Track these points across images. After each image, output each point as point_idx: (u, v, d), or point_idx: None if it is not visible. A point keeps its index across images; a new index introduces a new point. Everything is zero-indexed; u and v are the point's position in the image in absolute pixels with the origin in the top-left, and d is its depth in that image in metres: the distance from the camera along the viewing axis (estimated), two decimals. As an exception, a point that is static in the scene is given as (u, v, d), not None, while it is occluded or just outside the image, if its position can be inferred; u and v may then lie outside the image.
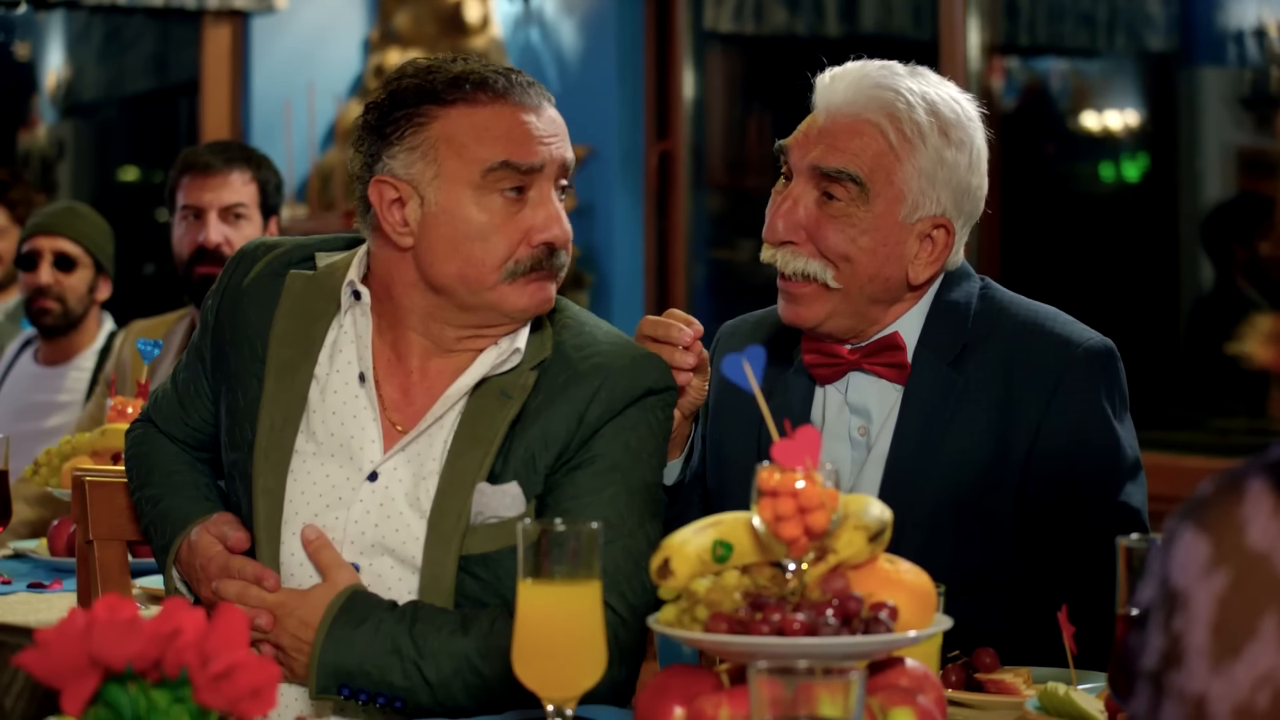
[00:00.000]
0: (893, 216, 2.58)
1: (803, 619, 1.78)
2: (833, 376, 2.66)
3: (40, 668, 1.56)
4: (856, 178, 2.57)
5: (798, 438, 1.82)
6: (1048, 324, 2.62)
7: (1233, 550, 1.17)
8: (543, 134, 2.41)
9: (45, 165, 10.39)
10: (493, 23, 7.06)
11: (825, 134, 2.60)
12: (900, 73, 2.63)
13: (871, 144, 2.58)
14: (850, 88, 2.61)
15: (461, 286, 2.40)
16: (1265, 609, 1.15)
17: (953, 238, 2.62)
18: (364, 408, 2.44)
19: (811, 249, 2.60)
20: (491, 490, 2.38)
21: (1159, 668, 1.19)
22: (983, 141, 2.65)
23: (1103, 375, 2.59)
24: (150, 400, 2.68)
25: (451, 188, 2.38)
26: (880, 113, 2.58)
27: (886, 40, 6.47)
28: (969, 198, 2.63)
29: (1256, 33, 5.59)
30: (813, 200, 2.60)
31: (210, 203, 4.35)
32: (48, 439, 4.39)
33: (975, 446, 2.57)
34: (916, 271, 2.61)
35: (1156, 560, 1.22)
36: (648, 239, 6.67)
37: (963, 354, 2.61)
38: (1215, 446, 5.39)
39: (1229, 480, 1.21)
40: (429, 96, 2.40)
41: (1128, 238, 5.96)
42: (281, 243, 2.57)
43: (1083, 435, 2.56)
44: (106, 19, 10.42)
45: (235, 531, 2.46)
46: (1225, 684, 1.15)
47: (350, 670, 2.33)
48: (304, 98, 7.16)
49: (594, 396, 2.40)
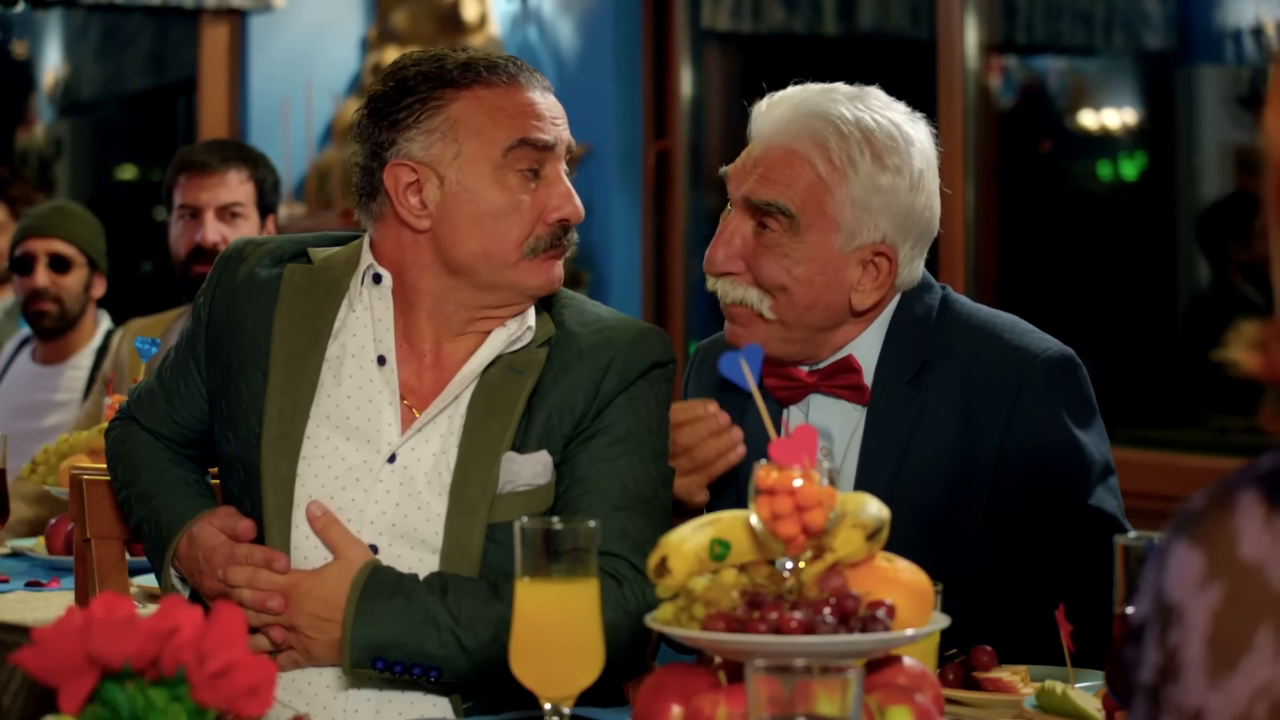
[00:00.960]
0: (828, 246, 2.58)
1: (800, 617, 1.78)
2: (794, 398, 2.66)
3: (38, 666, 1.56)
4: (786, 210, 2.57)
5: (795, 436, 1.82)
6: (1005, 335, 2.61)
7: (1226, 563, 1.17)
8: (552, 115, 2.48)
9: (43, 164, 10.39)
10: (490, 21, 7.06)
11: (759, 164, 2.61)
12: (839, 98, 2.61)
13: (802, 175, 2.57)
14: (783, 116, 2.61)
15: (484, 264, 2.44)
16: (1260, 621, 1.15)
17: (895, 264, 2.60)
18: (380, 391, 2.46)
19: (749, 278, 2.61)
20: (520, 459, 2.43)
21: (1156, 682, 1.19)
22: (925, 162, 2.61)
23: (1062, 385, 2.57)
24: (131, 397, 2.68)
25: (473, 167, 2.43)
26: (809, 142, 2.57)
27: (884, 39, 6.47)
28: (913, 220, 2.60)
29: (1254, 31, 5.59)
30: (749, 231, 2.61)
31: (207, 202, 4.35)
32: (46, 438, 4.39)
33: (939, 463, 2.56)
34: (860, 298, 2.60)
35: (1150, 574, 1.22)
36: (645, 238, 6.68)
37: (921, 370, 2.60)
38: (1213, 445, 5.39)
39: (1220, 492, 1.20)
40: (443, 81, 2.45)
41: (1125, 236, 5.96)
42: (270, 239, 2.60)
43: (1045, 448, 2.54)
44: (104, 17, 10.43)
45: (240, 521, 2.48)
46: (1222, 697, 1.15)
47: (386, 642, 2.35)
48: (302, 96, 7.16)
49: (608, 369, 2.47)
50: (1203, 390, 5.60)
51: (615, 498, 2.43)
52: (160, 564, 2.54)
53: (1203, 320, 5.62)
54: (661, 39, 6.69)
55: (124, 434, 2.64)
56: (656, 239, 6.68)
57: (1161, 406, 5.58)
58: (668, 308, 6.63)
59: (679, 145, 6.65)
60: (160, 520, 2.54)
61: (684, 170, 6.66)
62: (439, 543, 2.42)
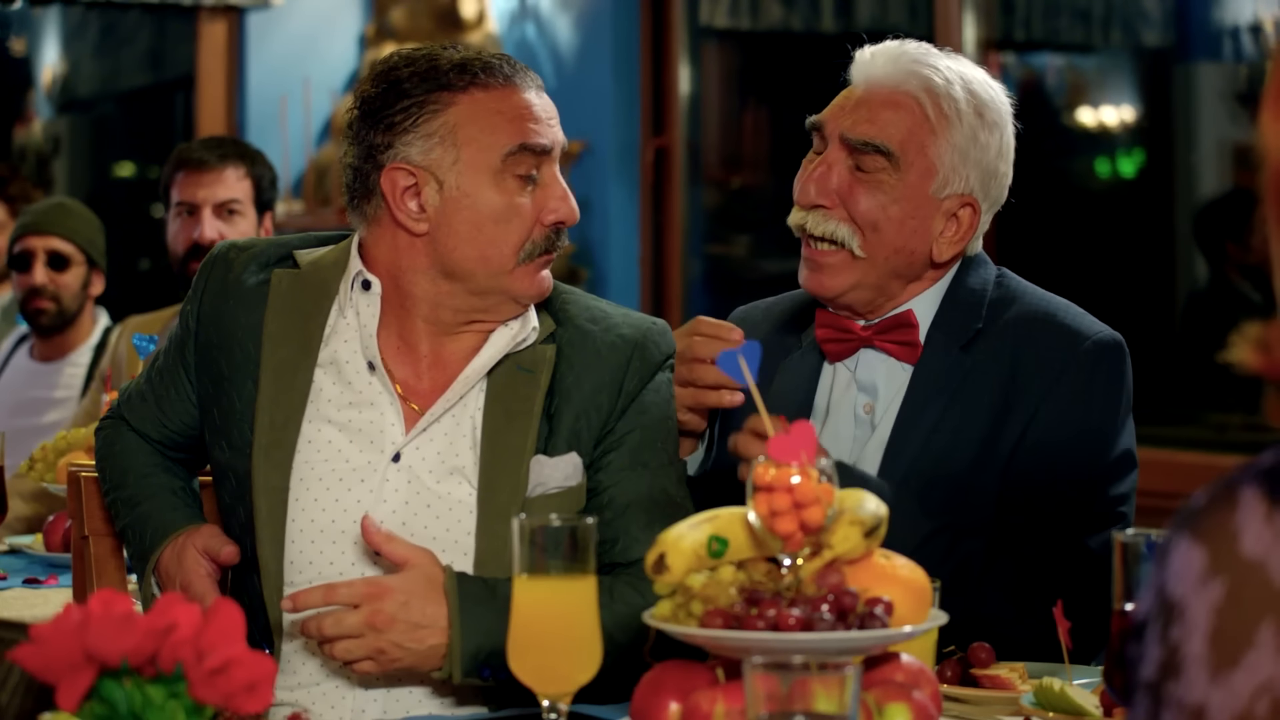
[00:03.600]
0: (923, 189, 2.61)
1: (798, 614, 1.78)
2: (844, 353, 2.68)
3: (36, 663, 1.56)
4: (886, 149, 2.60)
5: (793, 433, 1.82)
6: (1059, 315, 2.63)
7: (1228, 559, 1.17)
8: (547, 116, 2.46)
9: (41, 161, 10.38)
10: (489, 18, 7.06)
11: (862, 104, 2.63)
12: (938, 53, 2.67)
13: (908, 116, 2.61)
14: (890, 62, 2.65)
15: (481, 269, 2.43)
16: (1262, 617, 1.15)
17: (978, 218, 2.64)
18: (379, 394, 2.46)
19: (842, 213, 2.62)
20: (551, 462, 2.43)
21: (1157, 678, 1.19)
22: (1011, 133, 2.68)
23: (1107, 369, 2.59)
24: (122, 397, 2.67)
25: (472, 172, 2.41)
26: (919, 86, 2.62)
27: (882, 35, 6.45)
28: (996, 182, 2.66)
29: (1252, 28, 5.59)
30: (846, 167, 2.63)
31: (204, 199, 4.35)
32: (44, 435, 4.38)
33: (973, 424, 2.58)
34: (940, 249, 2.63)
35: (1153, 571, 1.22)
36: (643, 234, 6.67)
37: (974, 340, 2.62)
38: (1212, 442, 5.39)
39: (1222, 489, 1.21)
40: (439, 84, 2.42)
41: (1124, 233, 5.97)
42: (255, 243, 2.58)
43: (1077, 426, 2.56)
44: (102, 14, 10.42)
45: (225, 546, 2.46)
46: (1224, 694, 1.15)
47: (495, 649, 2.25)
48: (299, 93, 7.16)
49: (628, 367, 2.48)
50: (1202, 387, 5.60)
51: (653, 507, 2.44)
52: (141, 573, 2.53)
53: (1201, 317, 5.63)
54: (659, 36, 6.69)
55: (113, 435, 2.64)
56: (654, 235, 6.68)
57: (1160, 403, 5.58)
58: (666, 304, 6.63)
59: (677, 142, 6.65)
60: (144, 530, 2.53)
61: (682, 167, 6.66)
62: (448, 541, 2.40)
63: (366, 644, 2.29)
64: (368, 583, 2.31)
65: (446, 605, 2.29)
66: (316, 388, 2.46)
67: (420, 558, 2.33)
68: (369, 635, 2.28)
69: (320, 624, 2.29)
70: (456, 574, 2.33)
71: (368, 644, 2.29)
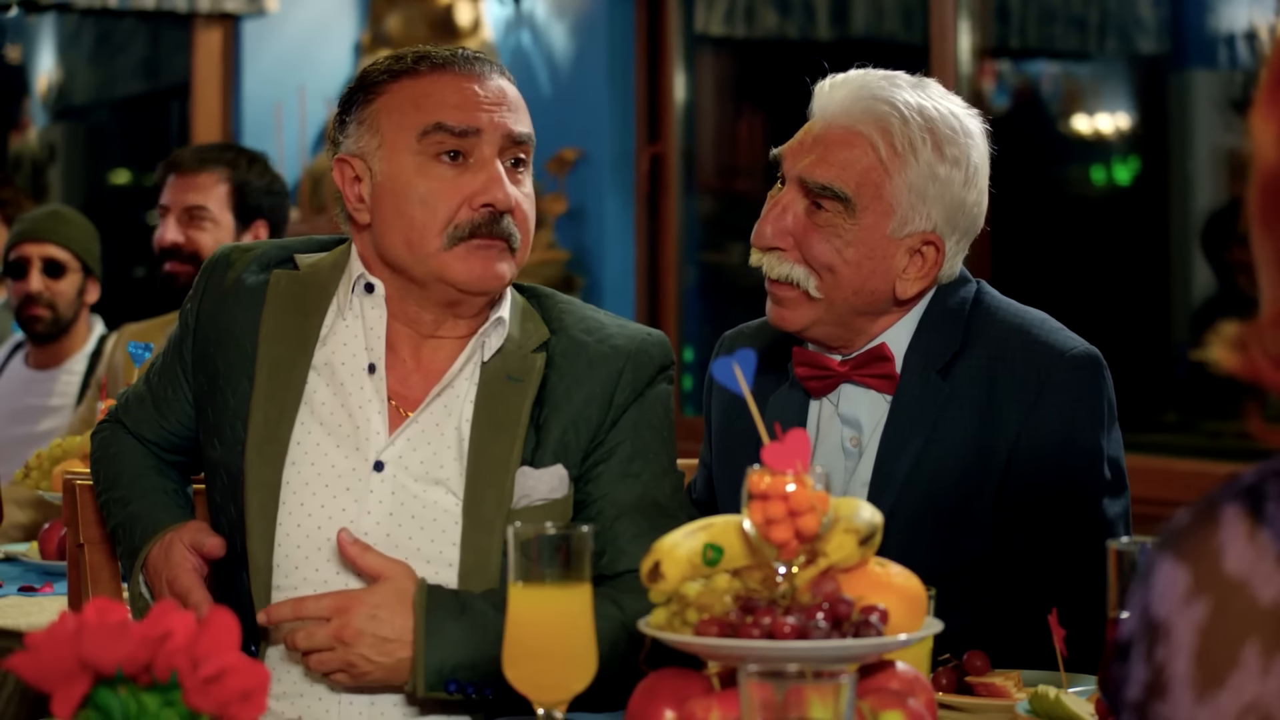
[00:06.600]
0: (880, 230, 2.57)
1: (793, 622, 1.78)
2: (825, 389, 2.66)
3: (30, 671, 1.56)
4: (842, 194, 2.56)
5: (788, 441, 1.82)
6: (1033, 331, 2.61)
7: (1211, 578, 1.17)
8: (484, 100, 2.43)
9: (36, 168, 10.39)
10: (484, 25, 7.06)
11: (818, 143, 2.60)
12: (901, 84, 2.61)
13: (863, 156, 2.56)
14: (847, 97, 2.60)
15: (409, 255, 2.42)
16: (1246, 637, 1.15)
17: (942, 255, 2.60)
18: (370, 399, 2.45)
19: (797, 255, 2.60)
20: (536, 474, 2.42)
21: (1143, 699, 1.19)
22: (981, 157, 2.62)
23: (1086, 385, 2.57)
24: (120, 401, 2.67)
25: (393, 155, 2.43)
26: (873, 125, 2.57)
27: (877, 43, 6.47)
28: (963, 214, 2.61)
29: (1247, 35, 5.59)
30: (802, 208, 2.60)
31: (175, 202, 4.32)
32: (39, 443, 4.39)
33: (956, 451, 2.57)
34: (904, 286, 2.60)
35: (1136, 591, 1.22)
36: (639, 242, 6.68)
37: (952, 362, 2.60)
38: (1207, 450, 5.39)
39: (1204, 508, 1.20)
40: (377, 75, 2.47)
41: (1119, 241, 5.97)
42: (256, 245, 2.60)
43: (1061, 444, 2.55)
44: (97, 22, 10.43)
45: (209, 538, 2.46)
46: (1210, 714, 1.15)
47: (460, 664, 2.28)
48: (295, 101, 7.16)
49: (619, 379, 2.46)
50: (1197, 395, 5.60)
51: (641, 519, 2.43)
52: (130, 571, 2.53)
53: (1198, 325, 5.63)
54: (655, 43, 6.69)
55: (110, 438, 2.64)
56: (650, 243, 6.68)
57: (1155, 411, 5.58)
58: (661, 312, 6.63)
59: (672, 149, 6.66)
60: (134, 528, 2.53)
61: (677, 174, 6.67)
62: (433, 551, 2.40)
63: (337, 657, 2.30)
64: (336, 596, 2.32)
65: (414, 618, 2.29)
66: (310, 389, 2.46)
67: (393, 570, 2.33)
68: (339, 649, 2.30)
69: (293, 638, 2.31)
70: (430, 587, 2.32)
71: (338, 657, 2.30)
